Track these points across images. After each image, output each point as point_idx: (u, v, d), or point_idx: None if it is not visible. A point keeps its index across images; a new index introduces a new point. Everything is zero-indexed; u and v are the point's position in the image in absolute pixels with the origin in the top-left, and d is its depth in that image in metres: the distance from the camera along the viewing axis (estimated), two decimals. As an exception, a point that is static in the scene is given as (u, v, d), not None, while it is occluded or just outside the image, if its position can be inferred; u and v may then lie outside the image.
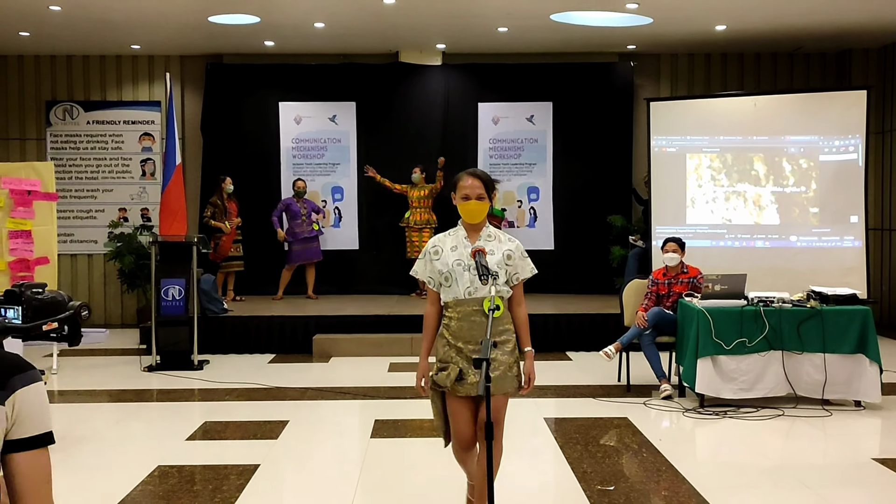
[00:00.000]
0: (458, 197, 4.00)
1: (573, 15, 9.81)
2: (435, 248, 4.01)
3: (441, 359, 3.95)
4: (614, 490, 4.95)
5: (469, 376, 3.84)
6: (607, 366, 8.01)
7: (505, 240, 4.02)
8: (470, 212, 3.96)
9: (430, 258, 3.99)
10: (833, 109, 10.18)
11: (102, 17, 9.74)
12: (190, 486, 5.12)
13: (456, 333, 3.89)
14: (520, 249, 4.02)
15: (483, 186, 3.98)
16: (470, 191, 3.96)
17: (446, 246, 3.99)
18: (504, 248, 3.96)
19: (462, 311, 3.87)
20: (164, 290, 8.95)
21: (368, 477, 5.27)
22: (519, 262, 3.98)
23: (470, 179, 3.98)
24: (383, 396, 7.52)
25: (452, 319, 3.91)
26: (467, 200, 3.96)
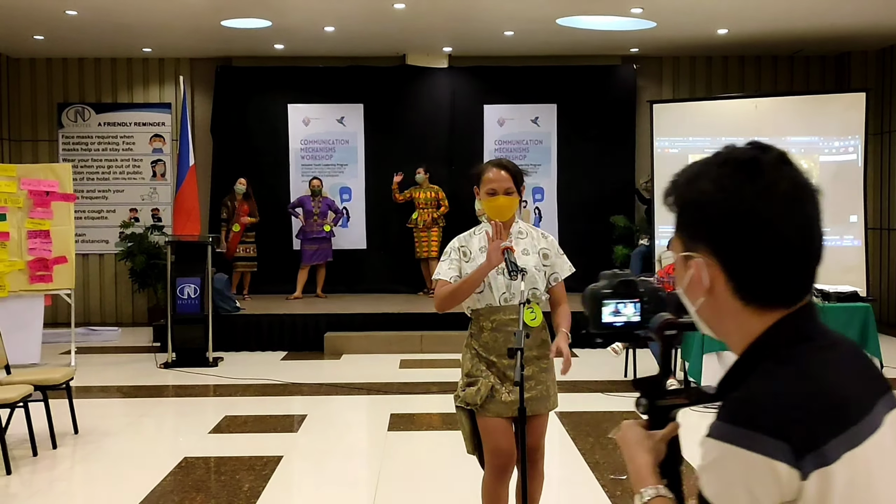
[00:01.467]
0: (483, 192, 3.50)
1: (579, 19, 10.01)
2: (462, 248, 3.55)
3: (469, 372, 3.51)
4: (627, 479, 5.15)
5: (502, 394, 3.40)
6: (613, 362, 8.21)
7: (538, 236, 3.60)
8: (498, 208, 3.46)
9: (456, 258, 3.53)
10: (833, 111, 10.39)
11: (117, 20, 9.92)
12: (217, 477, 5.31)
13: (488, 345, 3.47)
14: (555, 246, 3.62)
15: (512, 179, 3.49)
16: (497, 185, 3.47)
17: (474, 247, 3.53)
18: (539, 247, 3.56)
19: (497, 319, 3.45)
20: (179, 288, 9.13)
21: (390, 468, 5.46)
22: (556, 260, 3.58)
23: (496, 171, 3.49)
24: (396, 392, 7.71)
25: (485, 330, 3.48)
26: (494, 196, 3.47)
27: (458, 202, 11.55)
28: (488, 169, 3.52)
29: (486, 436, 3.43)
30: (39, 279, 8.88)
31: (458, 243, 3.58)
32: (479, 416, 3.44)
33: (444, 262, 3.54)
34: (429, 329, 9.83)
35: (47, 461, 5.69)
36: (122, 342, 10.81)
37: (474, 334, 3.53)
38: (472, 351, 3.52)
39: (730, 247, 1.25)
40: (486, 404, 3.39)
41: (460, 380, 3.56)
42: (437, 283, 3.53)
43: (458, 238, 3.62)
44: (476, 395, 3.40)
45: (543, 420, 3.55)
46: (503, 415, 3.39)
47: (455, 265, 3.51)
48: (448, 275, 3.48)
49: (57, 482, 5.38)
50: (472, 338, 3.55)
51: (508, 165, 3.53)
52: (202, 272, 9.18)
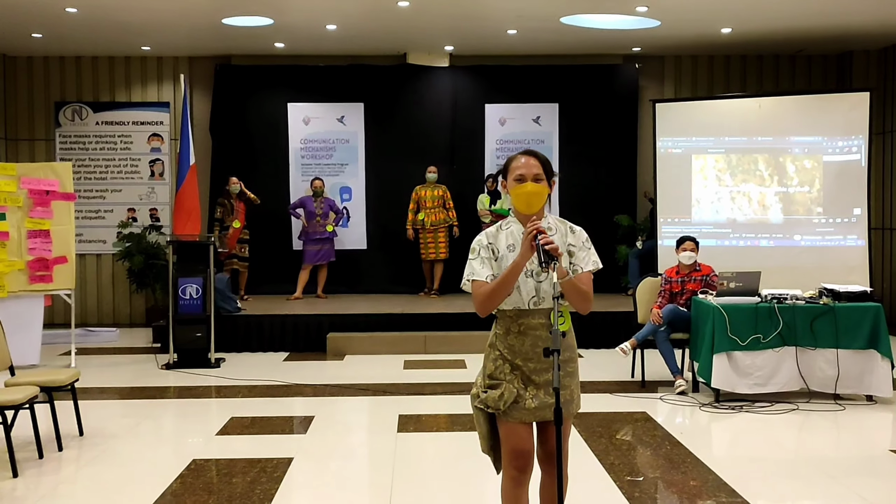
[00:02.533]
0: (511, 179, 3.32)
1: (583, 18, 9.95)
2: (490, 245, 3.35)
3: (491, 374, 3.36)
4: (643, 480, 5.09)
5: (525, 400, 3.28)
6: (620, 362, 8.16)
7: (566, 231, 3.40)
8: (527, 196, 3.25)
9: (487, 256, 3.33)
10: (837, 111, 10.36)
11: (118, 18, 9.82)
12: (228, 479, 5.23)
13: (514, 348, 3.32)
14: (581, 239, 3.40)
15: (541, 166, 3.30)
16: (526, 170, 3.28)
17: (501, 245, 3.34)
18: (567, 244, 3.37)
19: (525, 323, 3.30)
20: (181, 288, 9.04)
21: (402, 470, 5.39)
22: (579, 254, 3.36)
23: (526, 158, 3.32)
24: (403, 393, 7.64)
25: (511, 332, 3.33)
26: (522, 182, 3.27)
27: (461, 201, 11.49)
28: (517, 157, 3.34)
29: (507, 438, 3.33)
30: (39, 279, 8.77)
31: (487, 240, 3.36)
32: (500, 421, 3.33)
33: (476, 261, 3.32)
34: (432, 330, 9.77)
35: (53, 464, 5.60)
36: (121, 343, 10.71)
37: (500, 335, 3.36)
38: (497, 352, 3.36)
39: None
40: (509, 410, 3.28)
41: (480, 379, 3.42)
42: (473, 283, 3.30)
43: (485, 234, 3.39)
44: (499, 400, 3.29)
45: (567, 423, 3.46)
46: (525, 420, 3.30)
47: (488, 264, 3.30)
48: (484, 274, 3.28)
49: (63, 485, 5.28)
50: (497, 338, 3.38)
51: (538, 154, 3.36)
52: (204, 272, 9.08)
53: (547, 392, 3.32)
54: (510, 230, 3.36)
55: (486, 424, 3.41)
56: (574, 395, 3.44)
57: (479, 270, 3.29)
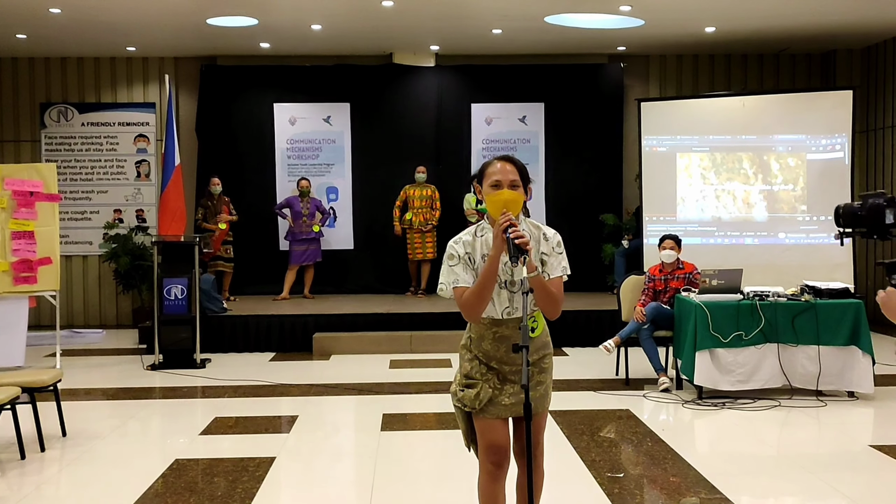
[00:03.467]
0: (487, 185, 3.26)
1: (568, 17, 9.99)
2: (467, 253, 3.31)
3: (468, 374, 3.37)
4: (624, 477, 5.12)
5: (501, 399, 3.31)
6: (605, 360, 8.19)
7: (539, 237, 3.36)
8: (503, 203, 3.18)
9: (466, 262, 3.30)
10: (820, 109, 10.42)
11: (102, 19, 9.81)
12: (210, 478, 5.23)
13: (489, 353, 3.35)
14: (553, 245, 3.37)
15: (517, 172, 3.26)
16: (502, 176, 3.23)
17: (477, 254, 3.31)
18: (540, 252, 3.34)
19: (499, 332, 3.31)
20: (166, 289, 9.03)
21: (384, 468, 5.40)
22: (550, 259, 3.35)
23: (501, 164, 3.27)
24: (388, 392, 7.65)
25: (485, 339, 3.34)
26: (498, 188, 3.23)
27: (447, 201, 11.51)
28: (493, 162, 3.29)
29: (483, 433, 3.36)
30: (24, 280, 8.73)
31: (463, 248, 3.31)
32: (476, 417, 3.37)
33: (458, 267, 3.28)
34: (418, 329, 9.78)
35: (35, 464, 5.60)
36: (107, 344, 10.70)
37: (474, 339, 3.38)
38: (471, 353, 3.39)
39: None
40: (486, 406, 3.32)
41: (458, 378, 3.44)
42: (457, 290, 3.27)
43: (460, 243, 3.33)
44: (475, 399, 3.32)
45: (543, 418, 3.50)
46: (501, 416, 3.33)
47: (470, 270, 3.28)
48: (468, 280, 3.26)
49: (46, 485, 5.28)
50: (471, 342, 3.40)
51: (514, 160, 3.31)
52: (189, 273, 9.08)
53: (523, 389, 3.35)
54: (485, 238, 3.33)
55: (466, 423, 3.46)
56: (549, 390, 3.48)
57: (464, 276, 3.27)
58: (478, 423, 3.37)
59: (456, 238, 3.40)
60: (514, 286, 3.23)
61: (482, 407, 3.32)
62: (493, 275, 3.21)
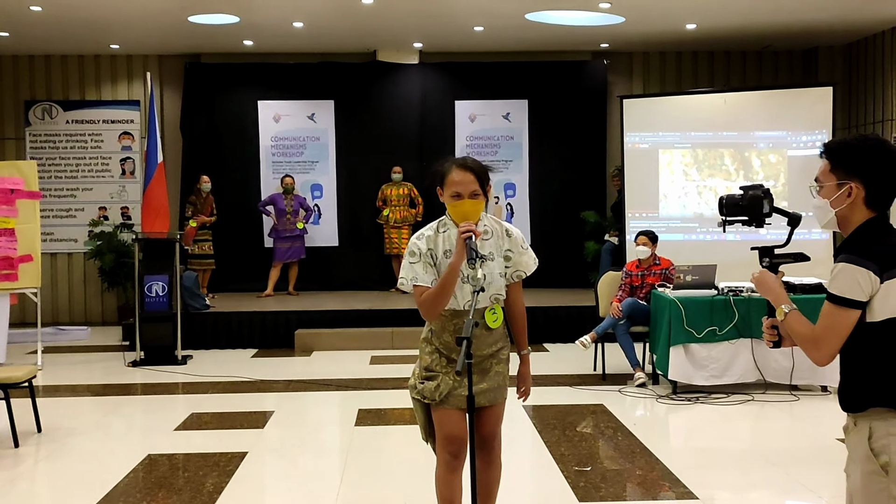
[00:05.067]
0: (447, 195, 3.37)
1: (548, 14, 10.02)
2: (430, 249, 3.41)
3: (428, 366, 3.46)
4: (591, 470, 5.17)
5: (461, 389, 3.35)
6: (583, 356, 8.23)
7: (502, 233, 3.48)
8: (463, 213, 3.31)
9: (428, 262, 3.40)
10: (800, 106, 10.47)
11: (82, 16, 9.82)
12: (181, 473, 5.28)
13: (449, 345, 3.42)
14: (518, 241, 3.51)
15: (477, 181, 3.35)
16: (462, 188, 3.32)
17: (439, 251, 3.40)
18: (504, 249, 3.47)
19: (459, 324, 3.35)
20: (147, 286, 9.07)
21: (354, 462, 5.45)
22: (518, 259, 3.49)
23: (462, 173, 3.34)
24: (366, 388, 7.69)
25: (446, 331, 3.42)
26: (459, 199, 3.33)
27: (430, 197, 11.53)
28: (452, 170, 3.36)
29: (440, 424, 3.44)
30: (5, 278, 8.77)
31: (425, 245, 3.41)
32: (435, 408, 3.45)
33: (419, 265, 3.37)
34: (400, 325, 9.80)
35: (8, 460, 5.63)
36: (92, 341, 10.73)
37: (435, 332, 3.48)
38: (433, 346, 3.49)
39: (875, 179, 2.53)
40: (445, 398, 3.40)
41: (417, 371, 3.55)
42: (417, 288, 3.36)
43: (423, 238, 3.43)
44: (435, 391, 3.40)
45: (500, 409, 3.58)
46: (460, 406, 3.39)
47: (430, 269, 3.37)
48: (428, 280, 3.35)
49: (18, 480, 5.32)
50: (432, 334, 3.50)
51: (474, 166, 3.37)
52: (170, 270, 9.11)
53: (482, 379, 3.47)
54: (447, 234, 3.41)
55: (424, 414, 3.54)
56: (506, 381, 3.56)
57: (423, 276, 3.36)
58: (436, 414, 3.45)
59: (419, 233, 3.49)
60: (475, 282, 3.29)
61: (442, 398, 3.40)
62: (453, 282, 3.32)
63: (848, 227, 2.61)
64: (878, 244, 2.50)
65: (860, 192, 2.55)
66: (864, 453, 2.53)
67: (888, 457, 2.48)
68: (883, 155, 2.55)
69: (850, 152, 2.57)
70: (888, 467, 2.48)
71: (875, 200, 2.57)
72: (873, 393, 2.52)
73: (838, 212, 2.60)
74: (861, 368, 2.55)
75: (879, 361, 2.51)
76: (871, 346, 2.51)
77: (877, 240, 2.52)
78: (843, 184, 2.57)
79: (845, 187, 2.56)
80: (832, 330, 2.51)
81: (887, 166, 2.54)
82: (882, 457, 2.49)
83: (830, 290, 2.51)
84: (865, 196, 2.56)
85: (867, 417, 2.54)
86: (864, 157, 2.55)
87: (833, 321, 2.51)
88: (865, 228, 2.57)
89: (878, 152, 2.55)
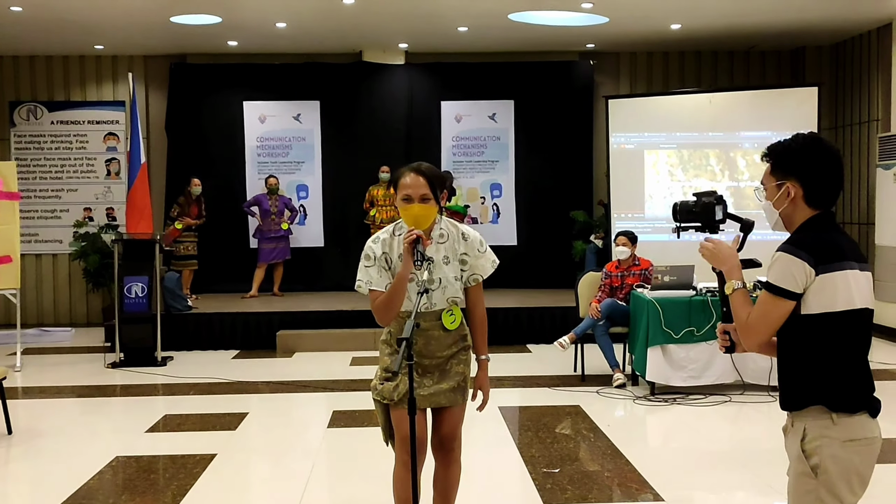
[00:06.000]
0: (399, 198, 3.38)
1: (530, 14, 9.98)
2: (385, 253, 3.43)
3: (387, 368, 3.48)
4: (559, 472, 5.13)
5: (420, 389, 3.38)
6: (564, 357, 8.18)
7: (458, 237, 3.48)
8: (413, 218, 3.33)
9: (383, 266, 3.43)
10: (785, 106, 10.43)
11: (64, 17, 9.78)
12: (147, 475, 5.24)
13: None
14: (475, 245, 3.50)
15: (428, 185, 3.34)
16: (412, 191, 3.33)
17: (394, 254, 3.44)
18: (459, 252, 3.47)
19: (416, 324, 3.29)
20: (127, 287, 9.03)
21: (323, 464, 5.41)
22: (474, 262, 3.48)
23: (413, 177, 3.35)
24: (343, 389, 7.65)
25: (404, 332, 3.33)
26: (409, 203, 3.34)
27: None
28: (405, 174, 3.39)
29: (399, 424, 3.42)
30: (-17, 279, 8.73)
31: (380, 248, 3.44)
32: (393, 408, 3.45)
33: (373, 269, 3.40)
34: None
35: (-25, 462, 5.60)
36: (75, 343, 10.69)
37: (394, 333, 3.50)
38: (391, 348, 3.52)
39: (810, 177, 2.54)
40: (403, 398, 3.37)
41: (378, 373, 3.57)
42: (372, 293, 3.40)
43: (378, 242, 3.46)
44: (394, 391, 3.41)
45: (460, 410, 3.58)
46: (419, 406, 3.37)
47: (385, 273, 3.41)
48: (383, 284, 3.38)
49: (-17, 483, 5.28)
50: (391, 336, 3.54)
51: (426, 171, 3.39)
52: (150, 271, 9.07)
53: (441, 379, 3.50)
54: (402, 237, 3.38)
55: (384, 415, 3.54)
56: (466, 383, 3.57)
57: (377, 280, 3.40)
58: (394, 414, 3.45)
59: (375, 236, 3.52)
60: (432, 284, 3.36)
61: (400, 398, 3.39)
62: (402, 289, 3.34)
63: (792, 226, 2.63)
64: (815, 238, 2.50)
65: (798, 190, 2.56)
66: (797, 454, 2.50)
67: (819, 459, 2.45)
68: (816, 153, 2.56)
69: (784, 153, 2.60)
70: (818, 469, 2.45)
71: (814, 198, 2.57)
72: (809, 391, 2.50)
73: (781, 212, 2.61)
74: (797, 365, 2.53)
75: (814, 358, 2.49)
76: (805, 341, 2.51)
77: (816, 235, 2.52)
78: (781, 184, 2.59)
79: (784, 187, 2.58)
80: (764, 318, 2.51)
81: (821, 164, 2.55)
82: (813, 458, 2.46)
83: (767, 278, 2.50)
84: (804, 195, 2.56)
85: (803, 418, 2.51)
86: (797, 156, 2.57)
87: (766, 309, 2.51)
88: (807, 225, 2.57)
89: (811, 151, 2.56)
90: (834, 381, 2.47)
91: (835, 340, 2.47)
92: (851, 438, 2.45)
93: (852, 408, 2.47)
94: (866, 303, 2.51)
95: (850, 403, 2.47)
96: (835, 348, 2.48)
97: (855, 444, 2.45)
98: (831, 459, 2.44)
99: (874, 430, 2.49)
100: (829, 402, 2.46)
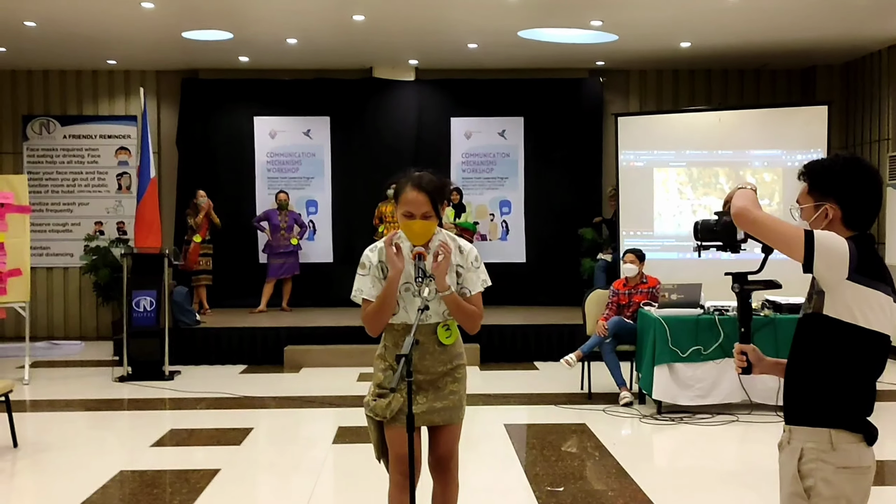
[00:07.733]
0: (400, 212, 3.38)
1: (540, 32, 10.01)
2: (381, 264, 3.42)
3: (380, 384, 3.45)
4: (563, 491, 5.10)
5: (414, 405, 3.26)
6: (571, 374, 8.16)
7: (454, 249, 3.46)
8: (414, 234, 3.36)
9: (377, 276, 3.41)
10: (795, 124, 10.41)
11: (77, 32, 9.86)
12: (150, 490, 5.24)
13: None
14: (470, 258, 3.49)
15: (429, 202, 3.34)
16: (414, 208, 3.34)
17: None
18: (454, 264, 3.45)
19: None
20: (135, 301, 9.06)
21: (326, 480, 5.40)
22: (468, 275, 3.46)
23: (414, 194, 3.34)
24: (349, 405, 7.62)
25: (399, 346, 3.37)
26: (411, 219, 3.35)
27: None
28: (406, 190, 3.36)
29: (392, 443, 3.40)
30: (-12, 292, 8.77)
31: (377, 258, 3.43)
32: (387, 426, 3.42)
33: (367, 279, 3.40)
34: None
35: (-20, 475, 5.61)
36: (84, 356, 10.72)
37: (388, 348, 3.47)
38: (386, 363, 3.47)
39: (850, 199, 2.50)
40: (398, 415, 3.35)
41: (371, 389, 3.53)
42: (363, 302, 3.40)
43: (375, 251, 3.46)
44: (387, 409, 3.38)
45: (456, 429, 3.54)
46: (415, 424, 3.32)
47: (378, 283, 3.39)
48: (374, 293, 3.38)
49: (-13, 496, 5.29)
50: (385, 350, 3.49)
51: (427, 186, 3.35)
52: (158, 285, 9.10)
53: (436, 397, 3.46)
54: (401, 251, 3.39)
55: (377, 433, 3.50)
56: (462, 401, 3.52)
57: (369, 289, 3.39)
58: (388, 432, 3.42)
59: (372, 246, 3.52)
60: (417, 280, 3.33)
61: (393, 416, 3.36)
62: (391, 294, 3.34)
63: None
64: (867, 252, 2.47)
65: (837, 212, 2.53)
66: (792, 473, 2.48)
67: (814, 481, 2.43)
68: (855, 174, 2.53)
69: (823, 173, 2.56)
70: (811, 491, 2.43)
71: (852, 220, 2.53)
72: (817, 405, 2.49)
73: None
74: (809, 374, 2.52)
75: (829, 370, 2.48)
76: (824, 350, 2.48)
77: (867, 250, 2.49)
78: (819, 205, 2.55)
79: (822, 209, 2.54)
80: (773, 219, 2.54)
81: (860, 185, 2.52)
82: (808, 480, 2.45)
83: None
84: (843, 216, 2.53)
85: (802, 438, 2.48)
86: (836, 177, 2.53)
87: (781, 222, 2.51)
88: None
89: (851, 172, 2.54)
90: (842, 397, 2.46)
91: (853, 356, 2.45)
92: (846, 466, 2.43)
93: (853, 427, 2.45)
94: (891, 332, 2.49)
95: (852, 423, 2.45)
96: (851, 364, 2.45)
97: (848, 472, 2.43)
98: (824, 483, 2.43)
99: (869, 460, 2.47)
100: (832, 419, 2.44)
